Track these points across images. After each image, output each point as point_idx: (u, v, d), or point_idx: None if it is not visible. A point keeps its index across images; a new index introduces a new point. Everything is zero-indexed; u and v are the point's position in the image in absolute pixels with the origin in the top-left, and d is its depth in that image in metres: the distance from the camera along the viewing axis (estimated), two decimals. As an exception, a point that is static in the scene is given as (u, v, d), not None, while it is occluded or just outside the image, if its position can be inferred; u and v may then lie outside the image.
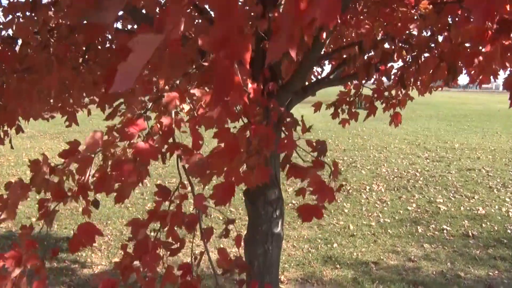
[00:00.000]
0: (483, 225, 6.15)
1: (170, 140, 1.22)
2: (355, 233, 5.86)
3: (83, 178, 1.26)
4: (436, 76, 2.37)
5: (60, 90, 2.43)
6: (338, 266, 4.87)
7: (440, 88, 3.80)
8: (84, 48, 2.69)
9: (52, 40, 2.28)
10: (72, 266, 4.86)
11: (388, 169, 9.78)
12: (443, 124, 19.34)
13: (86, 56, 2.72)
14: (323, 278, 4.59)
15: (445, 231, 5.95)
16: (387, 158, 11.08)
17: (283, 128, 1.43)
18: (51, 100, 3.34)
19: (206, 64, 1.50)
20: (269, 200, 2.17)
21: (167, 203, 1.49)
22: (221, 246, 5.49)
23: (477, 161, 10.64)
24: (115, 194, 1.70)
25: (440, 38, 2.22)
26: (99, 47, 2.49)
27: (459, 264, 4.92)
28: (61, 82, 1.98)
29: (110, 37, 2.42)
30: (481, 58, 1.83)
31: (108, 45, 2.51)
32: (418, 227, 6.09)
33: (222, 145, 1.31)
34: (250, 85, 1.34)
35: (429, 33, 2.31)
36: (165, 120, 1.19)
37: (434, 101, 39.75)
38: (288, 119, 1.44)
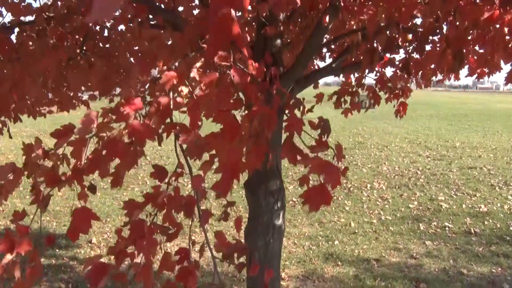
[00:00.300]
0: (485, 222, 6.10)
1: (168, 121, 1.17)
2: (356, 231, 5.81)
3: (78, 162, 1.21)
4: (441, 65, 2.32)
5: (58, 80, 2.38)
6: (339, 263, 4.82)
7: (441, 82, 3.75)
8: (81, 39, 2.64)
9: (48, 28, 2.23)
10: (70, 263, 4.81)
11: (389, 168, 9.73)
12: (443, 123, 19.30)
13: (84, 48, 2.67)
14: (324, 275, 4.54)
15: (447, 228, 5.89)
16: (388, 157, 11.03)
17: (286, 111, 1.37)
18: (49, 94, 3.30)
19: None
20: (270, 190, 2.12)
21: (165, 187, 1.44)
22: (221, 243, 5.44)
23: (479, 160, 10.59)
24: (111, 187, 1.66)
25: (445, 25, 2.17)
26: (97, 36, 2.44)
27: (462, 261, 4.87)
28: (58, 69, 1.93)
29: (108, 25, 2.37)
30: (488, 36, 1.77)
31: (106, 34, 2.46)
32: (420, 224, 6.04)
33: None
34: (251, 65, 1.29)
35: (433, 21, 2.26)
36: (163, 100, 1.15)
37: (434, 101, 39.73)
38: (292, 101, 1.39)
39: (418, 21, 2.45)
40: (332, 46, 3.18)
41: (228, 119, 1.21)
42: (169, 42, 2.24)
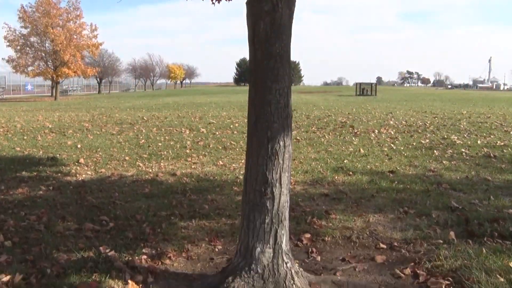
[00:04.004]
0: (504, 150, 5.67)
1: None
2: (367, 154, 5.38)
3: None
4: None
5: None
6: (351, 173, 4.37)
7: None
8: None
9: None
10: (54, 175, 4.37)
11: (396, 122, 9.31)
12: (447, 104, 18.89)
13: None
14: (335, 181, 4.09)
15: (464, 153, 5.46)
16: (394, 117, 10.62)
17: None
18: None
19: None
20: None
21: None
22: (221, 162, 5.00)
23: (489, 119, 10.18)
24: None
25: None
26: None
27: (484, 172, 4.42)
28: None
29: None
30: None
31: None
32: (435, 151, 5.60)
33: None
34: None
35: None
36: None
37: (435, 93, 39.40)
38: None
39: None
40: None
41: None
42: None
